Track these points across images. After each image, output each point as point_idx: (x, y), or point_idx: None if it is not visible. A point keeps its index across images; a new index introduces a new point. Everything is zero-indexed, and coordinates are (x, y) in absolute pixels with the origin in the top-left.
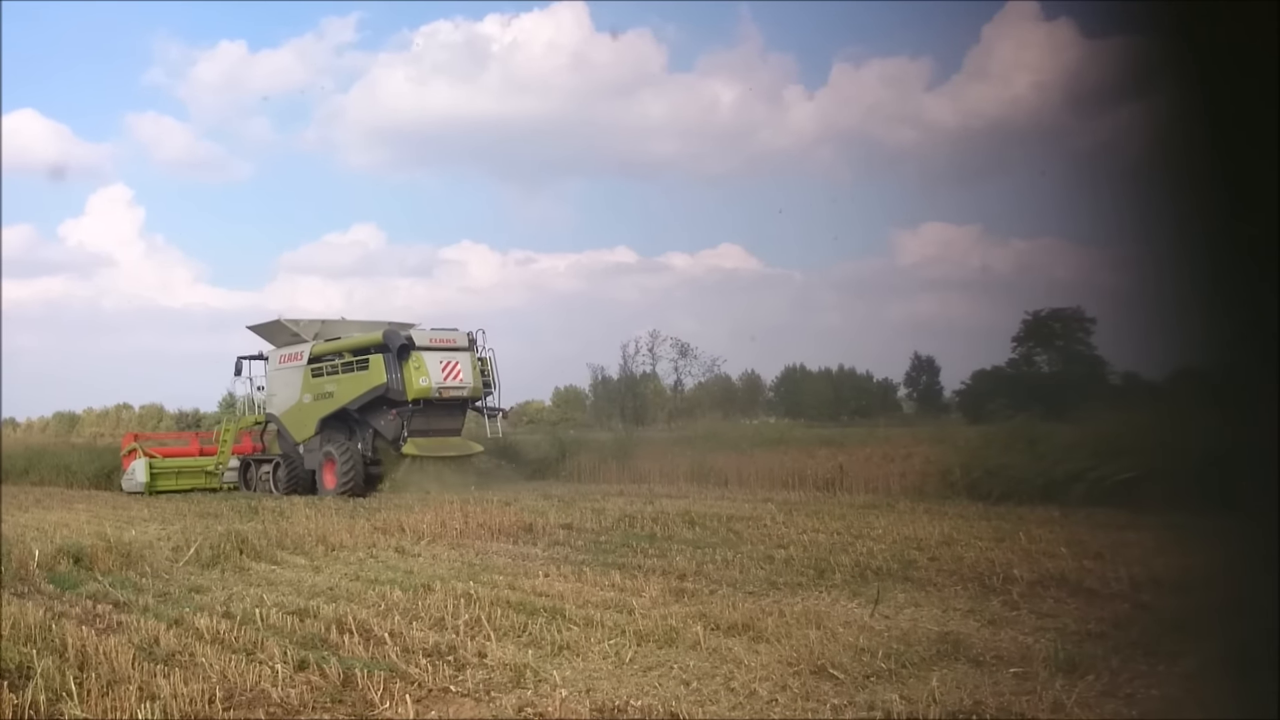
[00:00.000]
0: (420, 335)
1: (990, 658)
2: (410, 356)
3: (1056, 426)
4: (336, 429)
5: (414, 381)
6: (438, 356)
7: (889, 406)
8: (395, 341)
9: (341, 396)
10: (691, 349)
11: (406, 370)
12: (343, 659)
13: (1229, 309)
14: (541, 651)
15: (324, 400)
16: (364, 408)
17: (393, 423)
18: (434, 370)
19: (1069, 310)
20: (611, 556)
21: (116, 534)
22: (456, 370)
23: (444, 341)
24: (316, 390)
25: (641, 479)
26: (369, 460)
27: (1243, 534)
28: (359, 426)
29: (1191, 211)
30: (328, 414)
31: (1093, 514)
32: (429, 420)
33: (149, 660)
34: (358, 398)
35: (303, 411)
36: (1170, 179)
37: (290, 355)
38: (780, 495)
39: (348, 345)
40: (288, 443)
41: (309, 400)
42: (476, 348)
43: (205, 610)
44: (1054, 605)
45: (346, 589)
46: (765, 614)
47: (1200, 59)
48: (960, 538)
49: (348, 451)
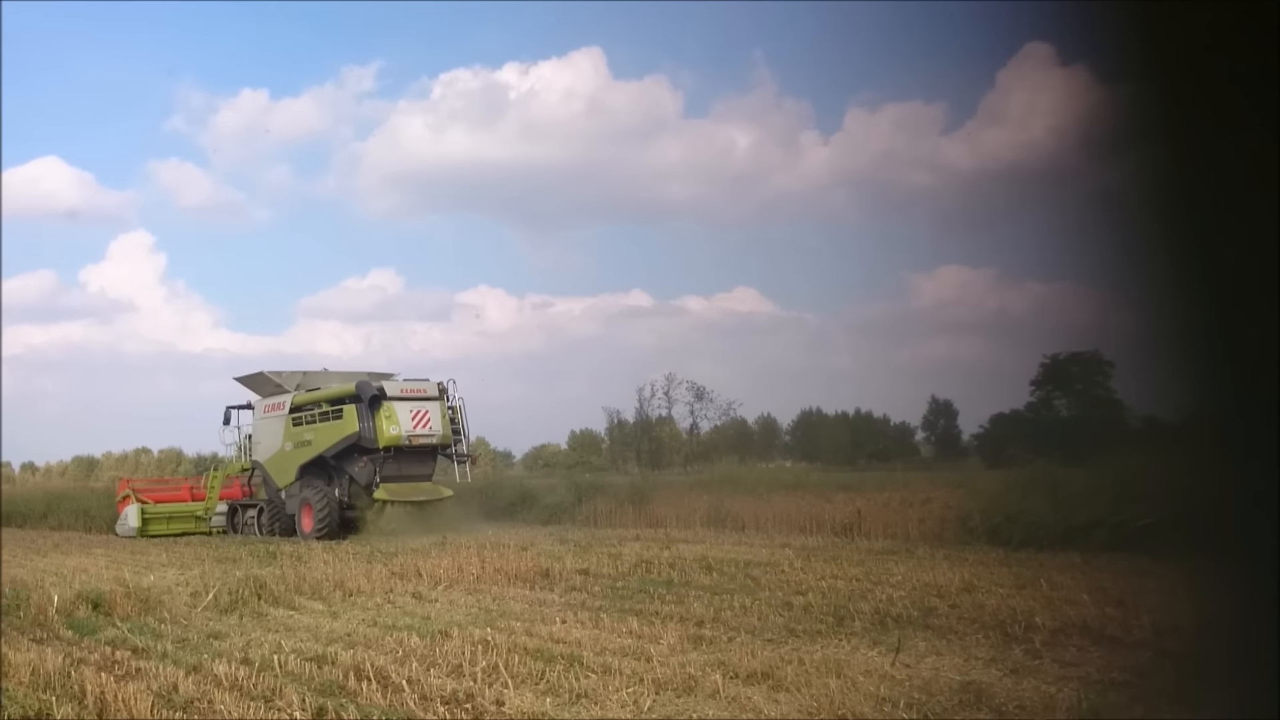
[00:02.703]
0: (392, 386)
1: (1013, 708)
2: (382, 406)
3: (1076, 471)
4: (316, 475)
5: (385, 430)
6: (408, 406)
7: (907, 450)
8: (367, 392)
9: (319, 444)
10: (707, 392)
11: (378, 419)
12: (361, 706)
13: (1242, 352)
14: (559, 700)
15: (303, 448)
16: (339, 455)
17: (365, 469)
18: (404, 419)
19: (1087, 353)
20: (629, 603)
21: (135, 579)
22: (426, 419)
23: (415, 392)
24: (297, 438)
25: (658, 523)
26: (345, 505)
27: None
28: (336, 473)
29: (1206, 254)
30: (307, 461)
31: (1114, 560)
32: (400, 467)
33: (167, 707)
34: (333, 445)
35: (284, 459)
36: (1183, 222)
37: (273, 405)
38: (798, 540)
39: (325, 396)
40: (271, 488)
41: (290, 448)
42: (447, 397)
43: (223, 656)
44: (1077, 654)
45: (364, 635)
46: (784, 662)
47: (1211, 105)
48: (981, 584)
49: (324, 496)
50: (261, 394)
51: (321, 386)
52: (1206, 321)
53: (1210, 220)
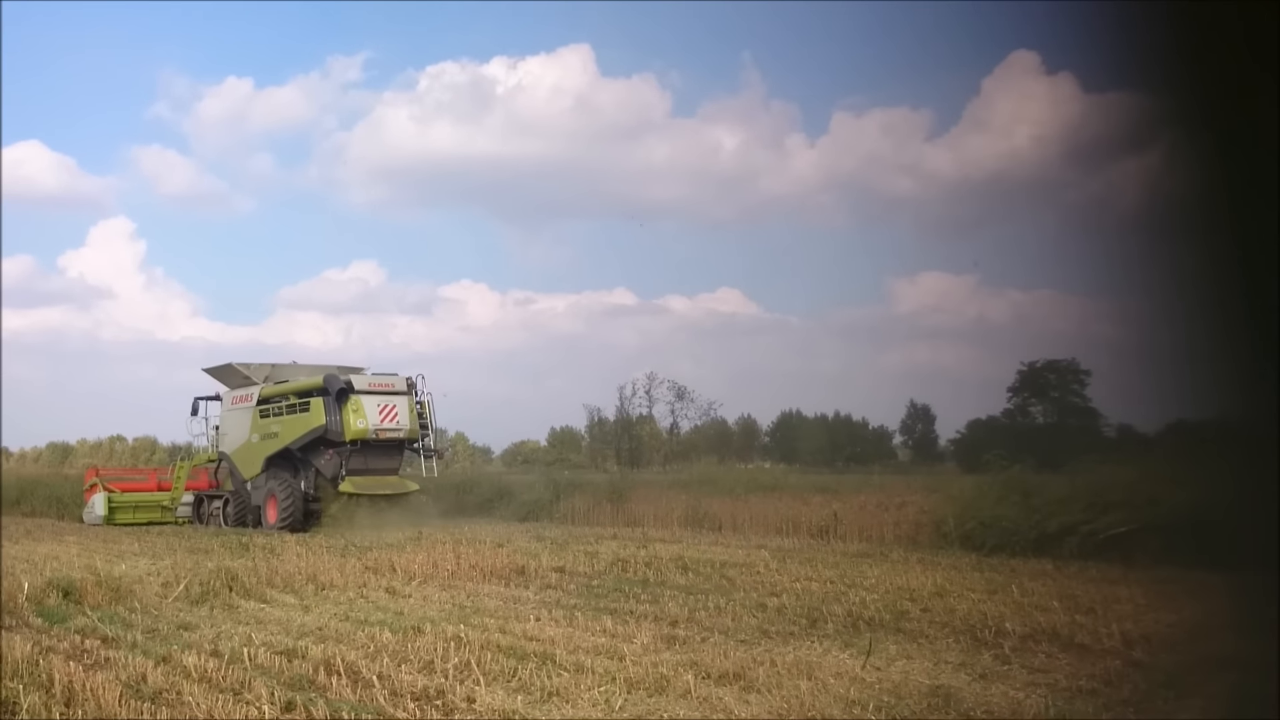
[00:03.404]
0: (360, 380)
1: (981, 713)
2: (349, 400)
3: (1050, 478)
4: (282, 467)
5: (351, 423)
6: (376, 400)
7: (884, 454)
8: (334, 385)
9: (285, 437)
10: (688, 392)
11: (345, 413)
12: (330, 701)
13: (1223, 364)
14: (531, 698)
15: (270, 440)
16: (305, 447)
17: (331, 462)
18: (371, 413)
19: (1064, 362)
20: (603, 601)
21: (107, 568)
22: (393, 413)
23: (383, 386)
24: (263, 430)
25: (636, 522)
26: (310, 497)
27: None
28: (302, 465)
29: (1187, 266)
30: (273, 453)
31: (1085, 568)
32: (366, 460)
33: (135, 698)
34: (299, 438)
35: (251, 450)
36: (1165, 234)
37: (241, 397)
38: (774, 542)
39: (292, 389)
40: (237, 479)
41: (256, 440)
42: (415, 392)
43: (193, 648)
44: (1045, 660)
45: (336, 629)
46: (757, 663)
47: (1201, 117)
48: (953, 589)
49: (289, 488)
50: (229, 386)
51: (289, 379)
52: (1192, 333)
53: (1199, 231)
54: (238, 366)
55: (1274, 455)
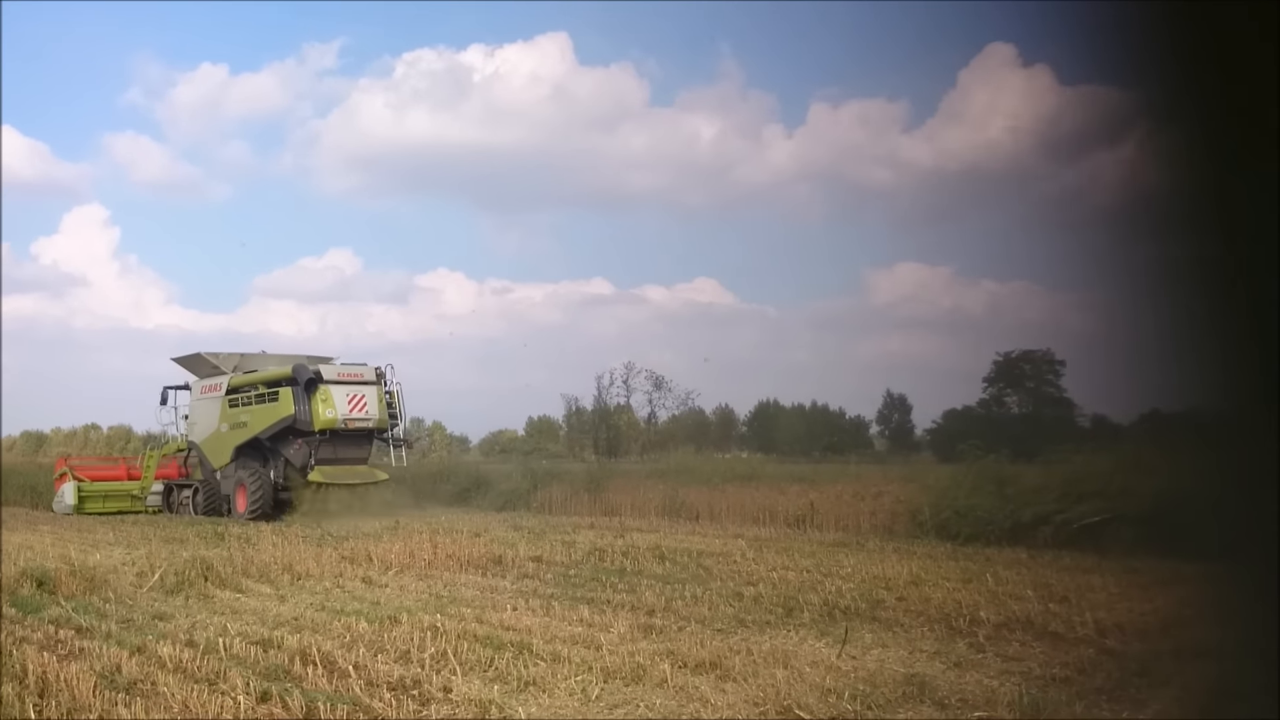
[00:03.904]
0: (329, 370)
1: (955, 701)
2: (318, 390)
3: (1025, 468)
4: (251, 456)
5: (320, 413)
6: (345, 390)
7: (861, 444)
8: (303, 375)
9: (254, 426)
10: (666, 381)
11: (314, 402)
12: (306, 692)
13: (1197, 356)
14: (507, 687)
15: (239, 429)
16: (275, 437)
17: (300, 451)
18: (340, 403)
19: (1039, 352)
20: (580, 591)
21: (81, 558)
22: (362, 403)
23: (352, 376)
24: (233, 420)
25: (613, 512)
26: (279, 487)
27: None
28: (271, 455)
29: (1161, 259)
30: (242, 442)
31: (1059, 556)
32: (336, 449)
33: (110, 689)
34: (269, 427)
35: (220, 440)
36: (1140, 227)
37: (210, 386)
38: (751, 531)
39: (261, 378)
40: (207, 468)
41: (226, 429)
42: (384, 382)
43: (168, 638)
44: (1019, 649)
45: (311, 619)
46: (733, 652)
47: (1175, 110)
48: (928, 578)
49: (258, 477)
50: (199, 375)
51: (258, 369)
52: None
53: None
54: (206, 356)
55: (1247, 446)
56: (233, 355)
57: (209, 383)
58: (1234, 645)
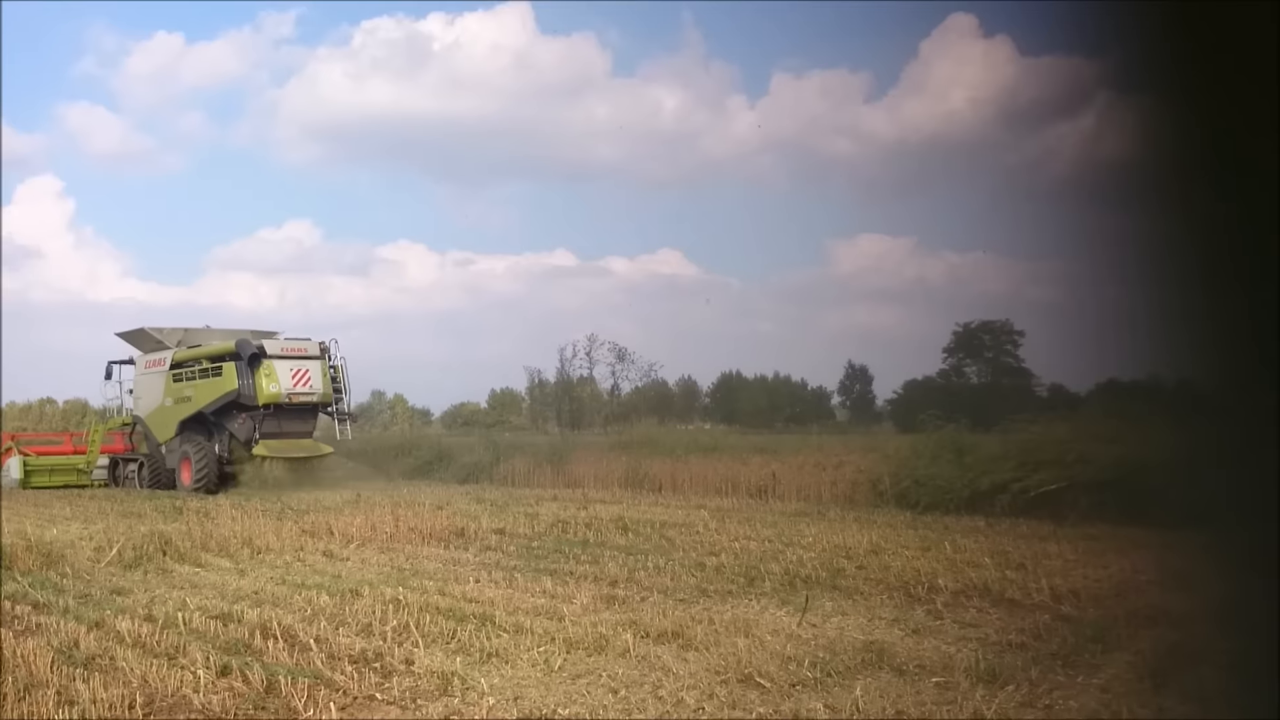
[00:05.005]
0: (273, 345)
1: (913, 667)
2: (261, 364)
3: (983, 437)
4: (196, 431)
5: (264, 387)
6: (289, 364)
7: (823, 414)
8: (246, 350)
9: (199, 400)
10: (629, 353)
11: (257, 377)
12: (266, 665)
13: (1153, 326)
14: (470, 659)
15: (183, 404)
16: (219, 411)
17: (245, 425)
18: (284, 377)
19: (998, 323)
20: (543, 562)
21: (38, 533)
22: (306, 377)
23: (296, 350)
24: (177, 394)
25: (576, 484)
26: (224, 460)
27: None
28: (216, 429)
29: (1119, 230)
30: (187, 416)
31: (1016, 524)
32: (280, 424)
33: (68, 664)
34: (213, 402)
35: (165, 414)
36: (1098, 198)
37: (154, 361)
38: (714, 502)
39: (205, 353)
40: (152, 443)
41: (170, 404)
42: (329, 356)
43: (127, 613)
44: (976, 615)
45: (272, 593)
46: (695, 622)
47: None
48: (888, 546)
49: (203, 451)
50: (143, 350)
51: (202, 344)
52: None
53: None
54: (150, 331)
55: (1202, 415)
56: (176, 330)
57: (153, 357)
58: (1186, 610)
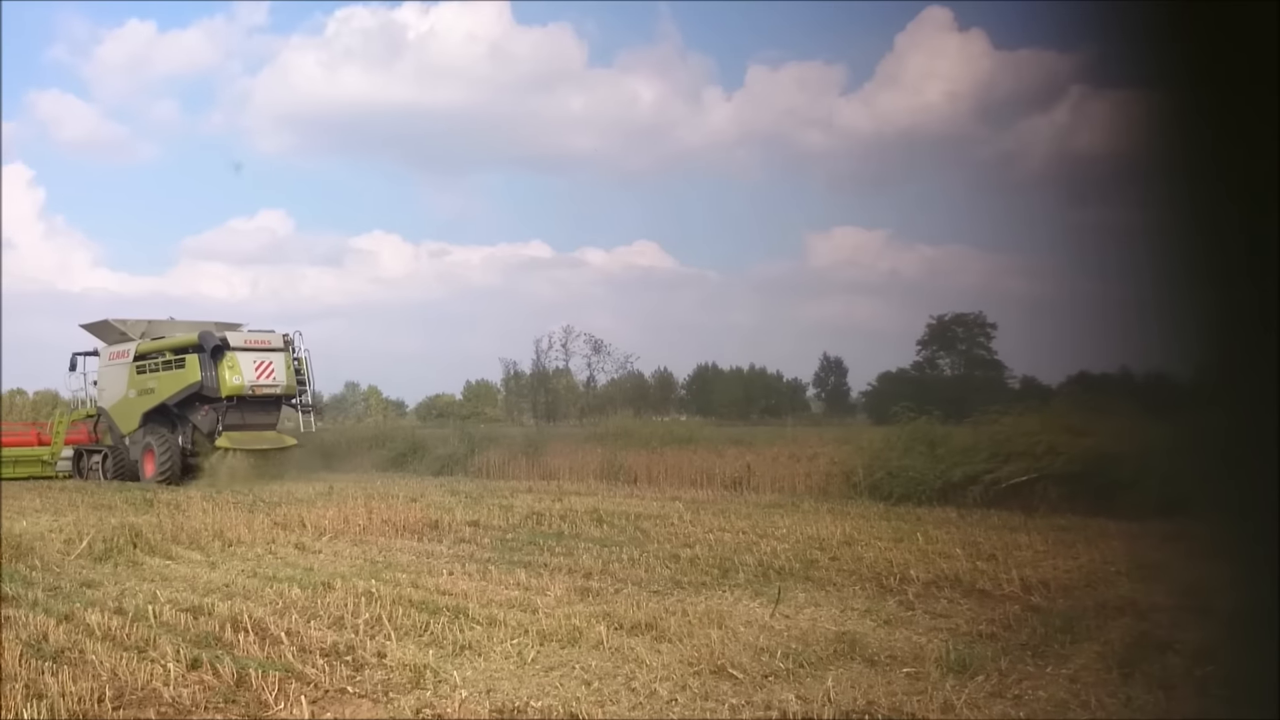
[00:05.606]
0: (236, 337)
1: (885, 658)
2: (224, 356)
3: (955, 429)
4: (159, 422)
5: (227, 379)
6: (252, 356)
7: (798, 406)
8: (209, 342)
9: (162, 392)
10: (605, 345)
11: (220, 369)
12: (237, 658)
13: (1125, 319)
14: (443, 651)
15: (147, 396)
16: (182, 403)
17: (208, 417)
18: (247, 369)
19: (971, 315)
20: (518, 555)
21: (7, 525)
22: (270, 369)
23: (259, 343)
24: (140, 386)
25: (551, 476)
26: (188, 452)
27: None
28: (179, 421)
29: (1092, 223)
30: (150, 408)
31: (987, 515)
32: (244, 415)
33: (37, 657)
34: (176, 394)
35: (128, 406)
36: (1071, 191)
37: (118, 353)
38: (688, 494)
39: (169, 345)
40: (116, 434)
41: (134, 395)
42: (292, 349)
43: (96, 606)
44: (948, 606)
45: (243, 586)
46: (669, 613)
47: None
48: (861, 538)
49: (166, 443)
50: (107, 341)
51: (166, 335)
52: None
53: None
54: (114, 323)
55: (1179, 409)
56: (140, 322)
57: (117, 349)
58: (1155, 601)
